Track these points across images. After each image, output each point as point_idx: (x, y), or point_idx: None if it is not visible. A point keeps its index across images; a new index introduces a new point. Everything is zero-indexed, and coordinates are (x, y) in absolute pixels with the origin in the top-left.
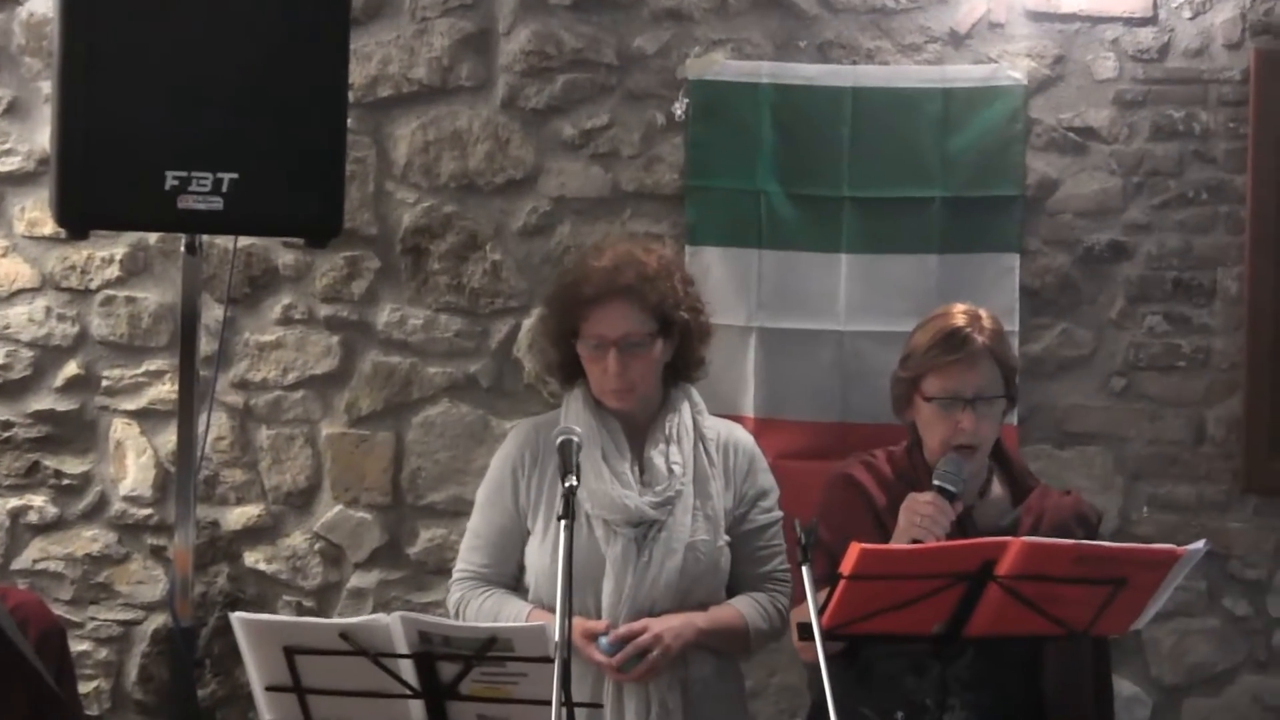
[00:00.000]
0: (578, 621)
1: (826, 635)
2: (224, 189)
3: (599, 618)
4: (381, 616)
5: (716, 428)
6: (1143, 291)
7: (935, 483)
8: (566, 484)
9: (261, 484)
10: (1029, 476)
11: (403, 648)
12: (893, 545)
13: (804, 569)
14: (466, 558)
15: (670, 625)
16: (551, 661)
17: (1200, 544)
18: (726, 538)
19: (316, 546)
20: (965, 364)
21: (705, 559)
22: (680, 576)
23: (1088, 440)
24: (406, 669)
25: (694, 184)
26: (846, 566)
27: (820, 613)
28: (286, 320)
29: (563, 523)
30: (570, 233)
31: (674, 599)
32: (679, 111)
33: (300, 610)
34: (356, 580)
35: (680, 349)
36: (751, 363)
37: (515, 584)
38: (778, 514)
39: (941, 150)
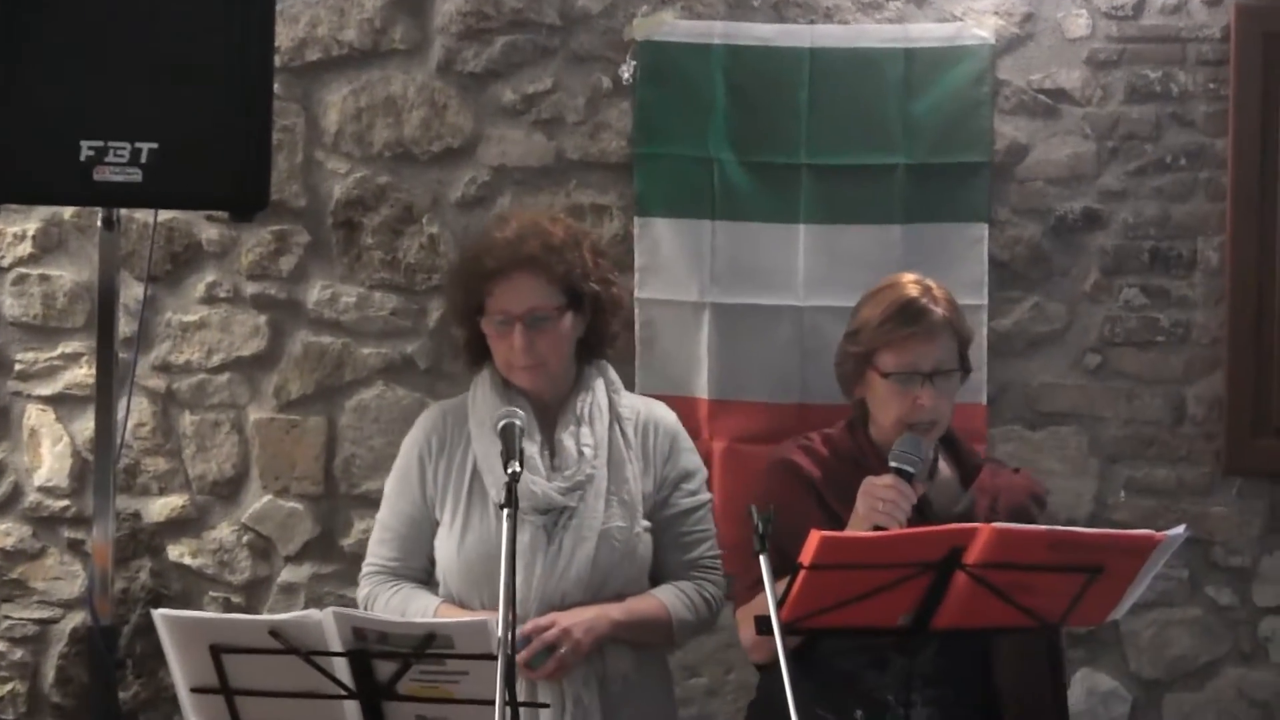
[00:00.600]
0: (483, 616)
1: (786, 629)
2: (143, 159)
3: None
4: (314, 612)
5: (635, 406)
6: (1118, 263)
7: (893, 464)
8: (509, 470)
9: (185, 473)
10: (974, 454)
11: (336, 645)
12: (855, 533)
13: (761, 559)
14: (374, 551)
15: (581, 619)
16: (494, 659)
17: (1180, 529)
18: (645, 523)
19: (244, 539)
20: (923, 337)
21: (620, 546)
22: (593, 566)
23: (1061, 420)
24: (341, 668)
25: (642, 152)
26: (806, 555)
27: (780, 605)
28: (210, 299)
29: (505, 511)
30: (511, 204)
31: (587, 590)
32: (626, 75)
33: (228, 607)
34: (287, 574)
35: (592, 324)
36: (705, 341)
37: (427, 578)
38: (704, 497)
39: (904, 114)
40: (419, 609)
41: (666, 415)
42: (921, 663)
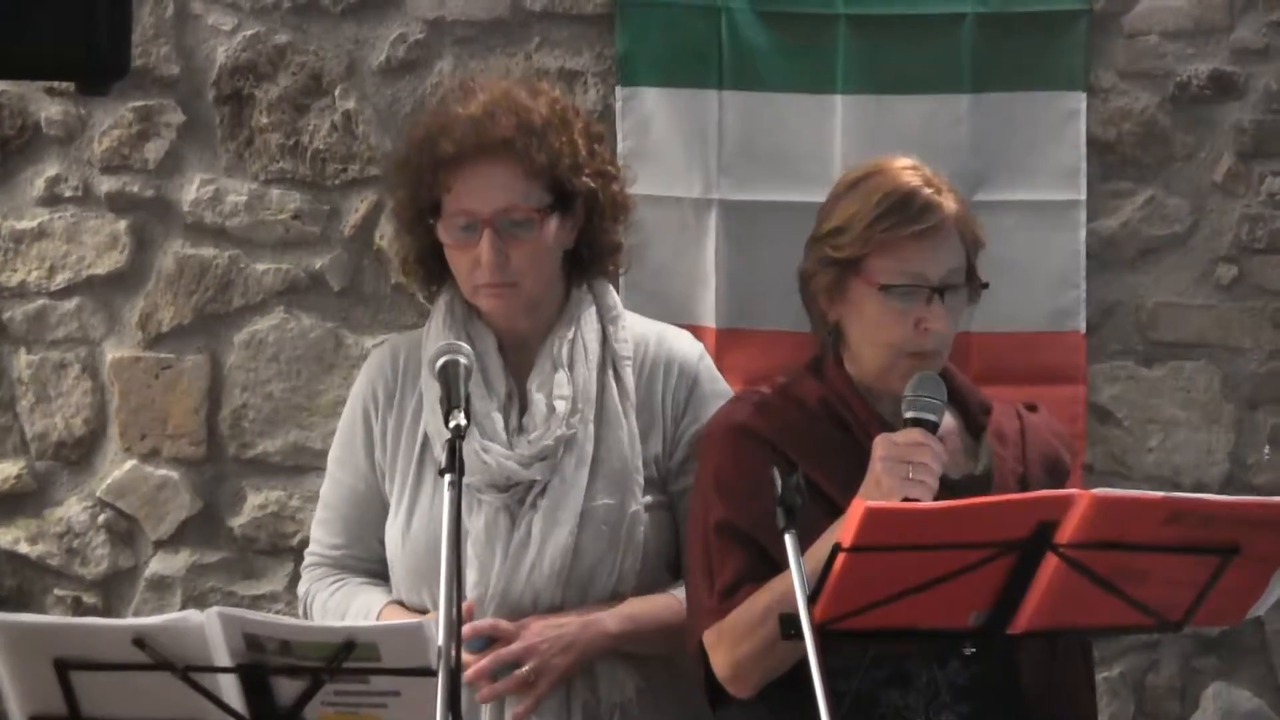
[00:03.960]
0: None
1: (821, 632)
2: None
3: None
4: (193, 614)
5: (642, 339)
6: (1259, 143)
7: (911, 415)
8: (452, 424)
9: (21, 431)
10: (978, 393)
11: (224, 659)
12: (911, 504)
13: (787, 538)
14: (316, 536)
15: (560, 633)
16: (433, 674)
17: None
18: (647, 499)
19: (100, 518)
20: (932, 239)
21: (609, 531)
22: (573, 558)
23: (1185, 353)
24: (229, 687)
25: None
26: (847, 534)
27: (812, 600)
28: (53, 199)
29: (447, 479)
30: (452, 70)
31: (566, 588)
32: None
33: (78, 608)
34: (158, 565)
35: (585, 232)
36: (711, 251)
37: (382, 570)
38: None
39: None
40: (359, 611)
41: (686, 349)
42: (951, 673)
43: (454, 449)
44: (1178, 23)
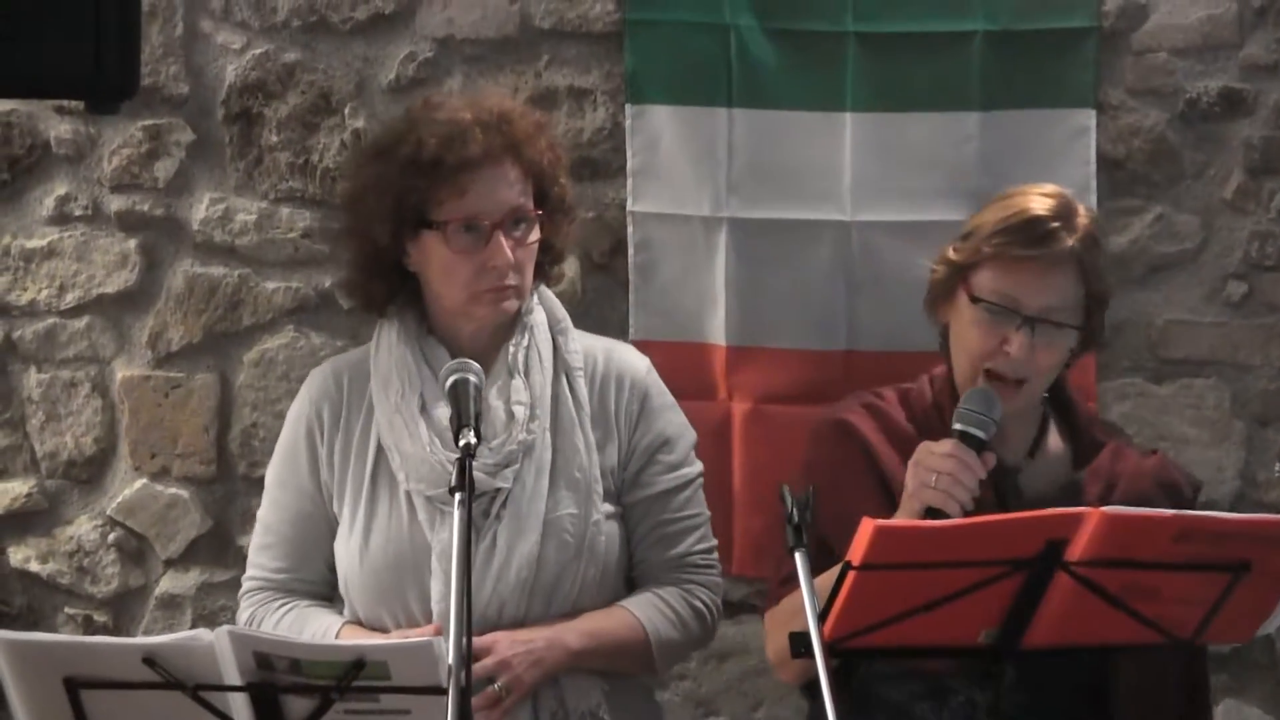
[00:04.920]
0: (398, 633)
1: (831, 650)
2: None
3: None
4: (203, 633)
5: (590, 351)
6: (1269, 160)
7: (956, 426)
8: (462, 441)
9: (31, 450)
10: (1098, 428)
11: (234, 677)
12: (921, 522)
13: (797, 556)
14: (256, 560)
15: (529, 648)
16: (443, 693)
17: None
18: (608, 508)
19: (111, 537)
20: (1039, 267)
21: (573, 541)
22: (538, 566)
23: (1194, 370)
24: (239, 706)
25: (636, 17)
26: (857, 551)
27: (822, 617)
28: (62, 218)
29: (456, 497)
30: (462, 88)
31: (532, 598)
32: None
33: (89, 627)
34: (168, 583)
35: (547, 235)
36: (721, 269)
37: (329, 591)
38: (690, 471)
39: None
40: (316, 633)
41: (634, 362)
42: (994, 695)
43: (464, 467)
44: (1187, 39)
